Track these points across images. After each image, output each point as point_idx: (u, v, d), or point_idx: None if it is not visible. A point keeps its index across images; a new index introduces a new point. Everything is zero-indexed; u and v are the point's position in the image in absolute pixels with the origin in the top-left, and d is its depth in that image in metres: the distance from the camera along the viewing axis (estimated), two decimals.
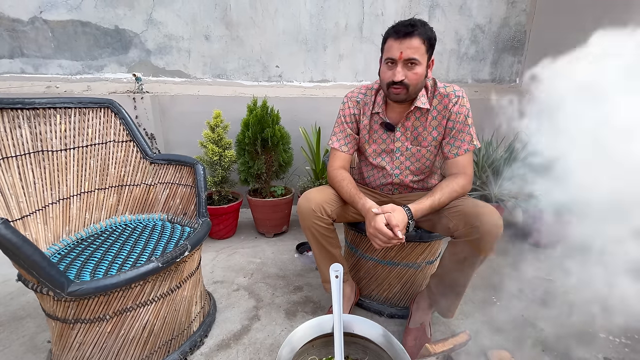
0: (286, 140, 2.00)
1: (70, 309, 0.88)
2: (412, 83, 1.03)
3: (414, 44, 0.98)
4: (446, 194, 1.06)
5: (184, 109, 2.18)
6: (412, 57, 0.99)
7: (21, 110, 1.06)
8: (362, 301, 1.41)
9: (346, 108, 1.23)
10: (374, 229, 0.98)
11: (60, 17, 1.95)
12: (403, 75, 1.01)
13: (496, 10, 2.48)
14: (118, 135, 1.35)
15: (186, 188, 1.34)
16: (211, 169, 1.95)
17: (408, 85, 1.03)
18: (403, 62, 1.01)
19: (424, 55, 1.01)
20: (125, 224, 1.33)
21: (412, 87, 1.04)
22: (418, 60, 1.00)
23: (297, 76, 2.37)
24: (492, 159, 1.97)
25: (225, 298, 1.46)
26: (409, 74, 1.02)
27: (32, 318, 1.30)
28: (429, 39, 1.00)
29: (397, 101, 1.10)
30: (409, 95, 1.06)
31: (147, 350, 1.02)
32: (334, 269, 0.91)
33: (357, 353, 0.94)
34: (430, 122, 1.14)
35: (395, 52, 1.00)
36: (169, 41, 2.13)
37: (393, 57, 1.01)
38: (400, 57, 1.00)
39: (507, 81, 2.70)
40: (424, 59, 1.02)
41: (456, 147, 1.12)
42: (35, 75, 2.02)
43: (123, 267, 0.98)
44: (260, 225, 2.10)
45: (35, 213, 1.05)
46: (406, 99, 1.08)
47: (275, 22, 2.22)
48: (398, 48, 0.99)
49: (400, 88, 1.04)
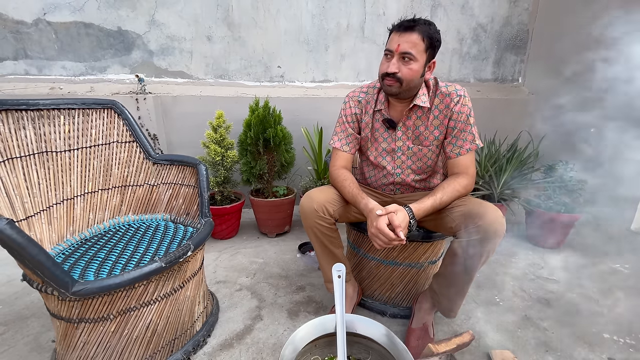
0: (288, 140, 2.00)
1: (74, 308, 0.88)
2: (405, 77, 1.02)
3: (412, 38, 0.98)
4: (448, 194, 1.05)
5: (186, 110, 2.18)
6: (408, 51, 0.99)
7: (25, 112, 1.07)
8: (365, 301, 1.41)
9: (347, 108, 1.23)
10: (375, 230, 0.98)
11: (64, 18, 1.97)
12: (397, 68, 1.02)
13: (498, 9, 2.47)
14: (121, 136, 1.35)
15: (189, 188, 1.34)
16: (214, 169, 1.96)
17: (401, 79, 1.03)
18: (399, 55, 1.01)
19: (421, 53, 1.00)
20: (129, 224, 1.34)
21: (406, 82, 1.03)
22: (414, 55, 0.99)
23: (299, 76, 2.38)
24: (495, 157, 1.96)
25: (228, 298, 1.46)
26: (403, 68, 1.02)
27: (36, 317, 1.31)
28: (429, 37, 0.99)
29: (391, 94, 1.09)
30: (402, 90, 1.06)
31: (150, 350, 1.02)
32: (336, 268, 0.91)
33: (360, 353, 0.94)
34: (431, 121, 1.13)
35: (394, 44, 1.01)
36: (171, 42, 2.14)
37: (390, 49, 1.03)
38: (397, 49, 1.01)
39: (509, 80, 2.69)
40: (422, 56, 1.01)
41: (458, 147, 1.12)
42: (39, 76, 2.04)
43: (126, 267, 0.98)
44: (263, 225, 2.10)
45: (39, 213, 1.06)
46: (399, 94, 1.08)
47: (277, 23, 2.23)
48: (397, 41, 1.01)
49: (392, 80, 1.04)
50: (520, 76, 2.70)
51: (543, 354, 1.16)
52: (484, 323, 1.32)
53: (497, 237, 0.94)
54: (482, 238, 0.94)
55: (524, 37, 2.59)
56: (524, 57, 2.65)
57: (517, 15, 2.52)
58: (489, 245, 0.94)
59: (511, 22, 2.53)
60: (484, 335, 1.24)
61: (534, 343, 1.21)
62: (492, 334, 1.25)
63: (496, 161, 1.94)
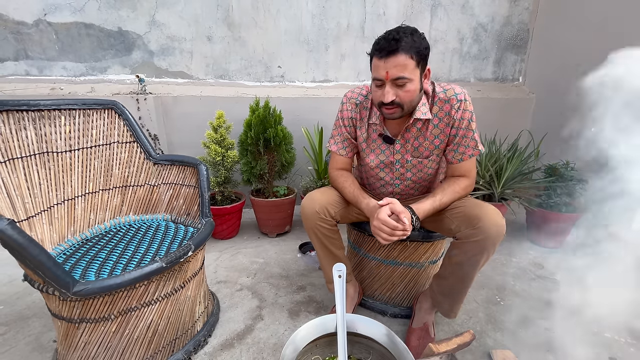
0: (288, 140, 2.00)
1: (75, 308, 0.89)
2: (404, 101, 0.96)
3: (399, 61, 0.90)
4: (447, 195, 1.05)
5: (186, 110, 2.19)
6: (399, 75, 0.91)
7: (26, 112, 1.07)
8: (365, 301, 1.41)
9: (345, 110, 1.17)
10: (378, 221, 0.96)
11: (64, 19, 1.97)
12: (393, 95, 0.95)
13: (499, 9, 2.47)
14: (122, 136, 1.35)
15: (189, 188, 1.35)
16: (214, 170, 1.96)
17: (401, 104, 0.97)
18: (391, 82, 0.94)
19: (414, 71, 0.92)
20: (130, 225, 1.34)
21: (407, 105, 0.97)
22: (407, 77, 0.92)
23: (299, 76, 2.37)
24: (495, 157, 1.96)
25: (229, 298, 1.46)
26: (400, 93, 0.95)
27: (38, 318, 1.32)
28: (417, 52, 0.90)
29: (394, 119, 1.04)
30: (404, 112, 1.00)
31: (151, 350, 1.03)
32: (337, 269, 0.91)
33: (361, 352, 0.94)
34: (431, 131, 1.08)
35: (382, 72, 0.93)
36: (171, 42, 2.14)
37: (380, 78, 0.95)
38: (386, 77, 0.93)
39: (510, 80, 2.69)
40: (415, 74, 0.93)
41: (460, 154, 1.08)
42: (40, 77, 2.04)
43: (127, 267, 0.99)
44: (263, 225, 2.10)
45: (40, 214, 1.06)
46: (403, 115, 1.02)
47: (277, 23, 2.23)
48: (384, 67, 0.92)
49: (393, 108, 0.98)
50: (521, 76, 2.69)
51: (544, 353, 1.16)
52: (484, 323, 1.32)
53: (497, 239, 0.93)
54: (482, 239, 0.94)
55: (524, 37, 2.58)
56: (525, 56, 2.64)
57: (517, 14, 2.51)
58: (489, 246, 0.94)
59: (512, 21, 2.52)
60: (485, 335, 1.24)
61: (534, 343, 1.21)
62: (492, 334, 1.25)
63: (497, 161, 1.94)
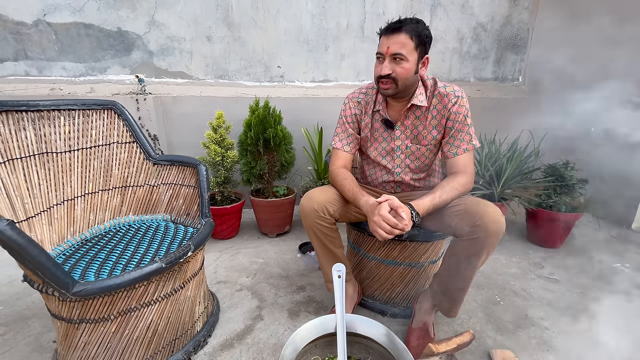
0: (288, 140, 2.00)
1: (75, 309, 0.89)
2: (399, 77, 1.05)
3: (400, 39, 1.01)
4: (447, 192, 1.05)
5: (186, 110, 2.19)
6: (398, 51, 1.01)
7: (26, 113, 1.07)
8: (365, 301, 1.41)
9: (347, 109, 1.25)
10: (377, 217, 0.97)
11: (64, 19, 1.97)
12: (390, 69, 1.04)
13: (498, 9, 2.47)
14: (121, 137, 1.35)
15: (189, 189, 1.35)
16: (214, 170, 1.96)
17: (396, 79, 1.05)
18: (390, 57, 1.04)
19: (412, 51, 1.02)
20: (129, 225, 1.34)
21: (401, 81, 1.05)
22: (404, 55, 1.02)
23: (298, 76, 2.38)
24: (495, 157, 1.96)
25: (229, 298, 1.46)
26: (396, 68, 1.04)
27: (37, 318, 1.32)
28: (418, 35, 1.01)
29: (388, 95, 1.11)
30: (398, 90, 1.08)
31: (151, 350, 1.03)
32: (336, 268, 0.91)
33: (360, 352, 0.94)
34: (430, 121, 1.15)
35: (383, 47, 1.04)
36: (171, 42, 2.14)
37: (381, 52, 1.06)
38: (387, 51, 1.03)
39: (509, 79, 2.69)
40: (413, 55, 1.03)
41: (455, 147, 1.13)
42: (39, 77, 2.04)
43: (127, 268, 0.99)
44: (263, 225, 2.10)
45: (40, 214, 1.06)
46: (396, 94, 1.09)
47: (276, 23, 2.23)
48: (386, 43, 1.04)
49: (388, 82, 1.06)
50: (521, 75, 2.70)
51: (544, 353, 1.16)
52: (484, 323, 1.32)
53: (497, 236, 0.94)
54: (481, 237, 0.94)
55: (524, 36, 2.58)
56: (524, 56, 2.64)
57: (517, 14, 2.51)
58: (489, 243, 0.94)
59: (511, 21, 2.52)
60: (485, 335, 1.24)
61: (534, 342, 1.21)
62: (492, 334, 1.25)
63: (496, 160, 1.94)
